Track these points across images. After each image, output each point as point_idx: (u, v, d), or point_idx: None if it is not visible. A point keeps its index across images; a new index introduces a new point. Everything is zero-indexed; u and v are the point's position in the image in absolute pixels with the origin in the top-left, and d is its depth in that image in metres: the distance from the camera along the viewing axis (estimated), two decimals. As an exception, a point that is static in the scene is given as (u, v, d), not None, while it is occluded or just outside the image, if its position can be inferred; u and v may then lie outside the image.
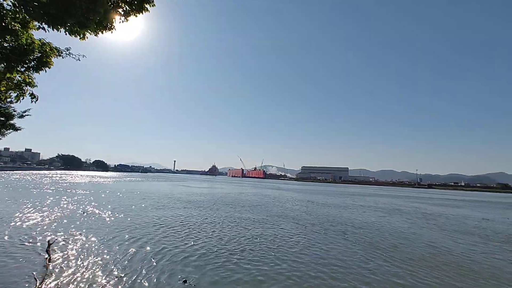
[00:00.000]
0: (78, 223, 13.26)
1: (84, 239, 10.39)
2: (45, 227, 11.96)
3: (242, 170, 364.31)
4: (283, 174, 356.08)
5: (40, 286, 6.22)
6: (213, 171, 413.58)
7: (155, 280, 6.90)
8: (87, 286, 6.38)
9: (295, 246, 11.11)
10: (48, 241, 9.19)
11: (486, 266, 9.66)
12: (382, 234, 14.42)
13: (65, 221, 13.55)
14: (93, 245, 9.68)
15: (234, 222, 15.90)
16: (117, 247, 9.53)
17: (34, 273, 6.92)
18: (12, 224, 12.37)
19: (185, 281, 6.91)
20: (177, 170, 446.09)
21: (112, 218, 14.92)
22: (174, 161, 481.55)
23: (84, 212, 16.23)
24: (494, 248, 12.67)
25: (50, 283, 6.44)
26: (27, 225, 12.32)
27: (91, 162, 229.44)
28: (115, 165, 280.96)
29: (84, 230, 11.73)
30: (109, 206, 19.27)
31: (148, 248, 9.67)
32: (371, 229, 15.72)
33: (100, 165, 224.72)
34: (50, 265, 7.49)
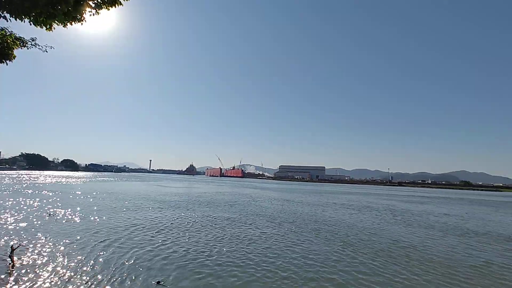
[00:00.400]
0: (44, 226, 12.60)
1: (50, 243, 9.91)
2: (7, 231, 11.25)
3: (221, 169, 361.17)
4: (261, 173, 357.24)
5: None
6: (190, 171, 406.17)
7: (128, 283, 6.77)
8: None
9: (267, 244, 11.36)
10: (11, 246, 8.63)
11: (443, 257, 10.46)
12: (351, 230, 15.10)
13: (29, 224, 12.82)
14: (60, 249, 9.28)
15: (209, 222, 15.86)
16: (86, 251, 9.19)
17: None
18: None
19: (158, 282, 6.85)
20: (153, 169, 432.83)
21: (80, 220, 14.33)
22: (150, 160, 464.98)
23: (50, 215, 15.40)
24: (451, 240, 13.73)
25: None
26: None
27: (59, 161, 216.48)
28: (86, 164, 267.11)
29: (50, 234, 11.18)
30: (78, 208, 18.41)
31: (119, 250, 9.42)
32: (340, 226, 16.39)
33: (69, 165, 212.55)
34: (14, 271, 7.11)
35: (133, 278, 7.09)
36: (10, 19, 5.70)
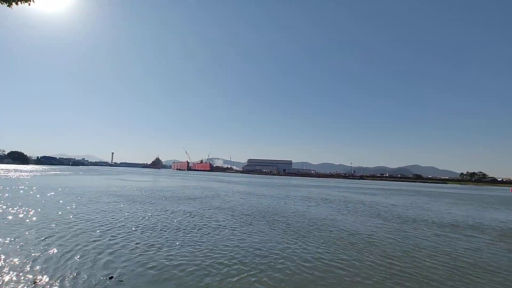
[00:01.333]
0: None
1: (10, 241, 9.21)
2: None
3: (188, 163, 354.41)
4: (229, 166, 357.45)
5: None
6: (156, 164, 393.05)
7: (79, 281, 6.55)
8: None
9: (220, 235, 11.68)
10: None
11: (380, 242, 11.66)
12: (306, 221, 16.03)
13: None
14: (7, 246, 8.67)
15: (167, 216, 15.75)
16: (31, 249, 8.65)
17: None
18: None
19: (111, 277, 6.76)
20: (115, 162, 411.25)
21: (24, 216, 13.35)
22: (112, 153, 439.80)
23: (-11, 211, 14.08)
24: (392, 227, 15.25)
25: None
26: None
27: (5, 153, 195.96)
28: (38, 157, 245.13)
29: (7, 232, 10.35)
30: (23, 203, 17.03)
31: (69, 246, 9.04)
32: (297, 217, 17.30)
33: (17, 157, 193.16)
34: None
35: (84, 274, 6.91)
36: None
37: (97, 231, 11.24)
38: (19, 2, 6.13)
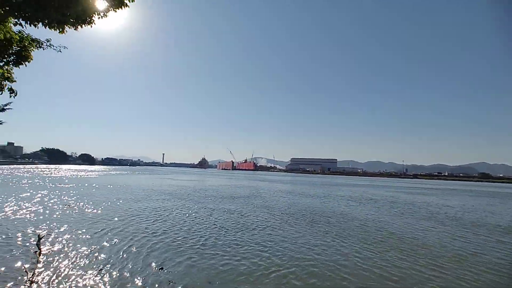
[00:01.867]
0: (63, 216, 13.75)
1: (69, 231, 10.89)
2: (32, 222, 12.38)
3: (232, 162, 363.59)
4: (273, 166, 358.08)
5: (31, 278, 6.53)
6: (202, 164, 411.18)
7: (134, 269, 7.49)
8: (75, 277, 6.78)
9: (265, 233, 12.11)
10: (39, 235, 9.47)
11: (433, 247, 10.83)
12: (345, 221, 15.56)
13: (51, 215, 14.01)
14: (78, 237, 10.23)
15: (212, 213, 16.71)
16: (99, 239, 10.11)
17: (26, 266, 7.17)
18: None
19: (161, 268, 7.55)
20: (165, 163, 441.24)
21: (94, 211, 15.48)
22: (163, 154, 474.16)
23: (68, 206, 16.64)
24: (445, 231, 13.93)
25: (41, 275, 6.78)
26: (14, 219, 12.80)
27: (77, 155, 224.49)
28: (102, 158, 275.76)
29: (68, 223, 12.27)
30: (92, 200, 19.71)
31: (129, 239, 10.28)
32: (335, 216, 16.89)
33: (86, 159, 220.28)
34: (41, 258, 7.86)
35: (139, 264, 7.82)
36: (25, 26, 6.32)
37: (148, 226, 12.59)
38: (83, 25, 6.65)
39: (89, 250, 8.79)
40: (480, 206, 26.74)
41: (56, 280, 6.55)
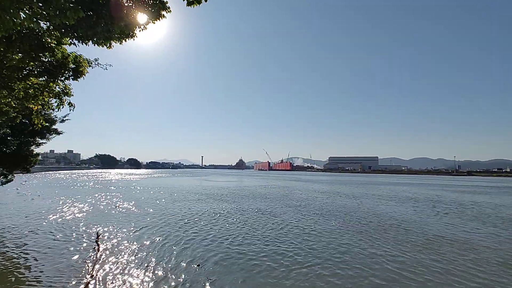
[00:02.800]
0: (115, 216, 15.02)
1: (122, 229, 11.82)
2: (90, 221, 13.63)
3: (269, 163, 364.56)
4: (310, 165, 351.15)
5: (92, 271, 7.27)
6: (239, 165, 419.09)
7: (173, 265, 7.90)
8: (128, 272, 7.35)
9: (299, 231, 11.95)
10: (97, 233, 10.37)
11: (480, 251, 9.78)
12: (382, 221, 14.74)
13: (105, 214, 15.39)
14: (129, 234, 11.05)
15: (243, 213, 16.96)
16: (146, 237, 10.76)
17: (88, 260, 8.01)
18: (63, 216, 14.44)
19: (198, 265, 7.91)
20: (205, 165, 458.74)
21: (140, 211, 16.65)
22: (202, 156, 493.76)
23: (117, 207, 18.05)
24: (495, 233, 12.47)
25: (101, 268, 7.53)
26: (73, 217, 14.29)
27: (125, 160, 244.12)
28: (147, 162, 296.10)
29: (120, 222, 13.35)
30: (139, 200, 21.23)
31: (171, 237, 10.82)
32: (371, 216, 16.18)
33: (133, 163, 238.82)
34: (100, 253, 8.63)
35: (175, 262, 8.19)
36: (78, 45, 6.85)
37: (184, 224, 13.16)
38: (127, 39, 7.04)
39: (137, 247, 9.38)
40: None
41: (112, 275, 7.12)
